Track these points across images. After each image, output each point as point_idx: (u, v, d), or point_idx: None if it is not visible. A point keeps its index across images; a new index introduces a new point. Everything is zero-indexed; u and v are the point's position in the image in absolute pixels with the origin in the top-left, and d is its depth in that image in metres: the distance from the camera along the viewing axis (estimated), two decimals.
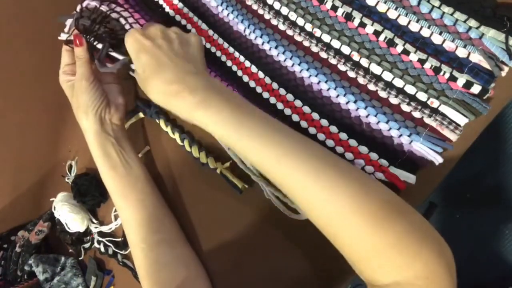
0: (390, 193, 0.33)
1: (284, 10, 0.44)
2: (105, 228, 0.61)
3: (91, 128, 0.49)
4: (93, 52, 0.48)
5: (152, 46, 0.39)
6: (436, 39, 0.36)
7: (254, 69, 0.46)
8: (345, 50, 0.40)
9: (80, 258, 0.67)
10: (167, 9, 0.54)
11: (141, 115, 0.57)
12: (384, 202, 0.31)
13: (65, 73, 0.50)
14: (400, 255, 0.29)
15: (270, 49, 0.45)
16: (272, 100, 0.45)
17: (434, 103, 0.37)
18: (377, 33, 0.39)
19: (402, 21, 0.38)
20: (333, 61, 0.41)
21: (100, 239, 0.62)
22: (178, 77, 0.37)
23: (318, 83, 0.42)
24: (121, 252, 0.59)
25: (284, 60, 0.44)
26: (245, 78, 0.47)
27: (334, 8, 0.41)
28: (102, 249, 0.61)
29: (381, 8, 0.38)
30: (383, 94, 0.39)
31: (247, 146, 0.34)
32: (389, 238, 0.30)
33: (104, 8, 0.50)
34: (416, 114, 0.38)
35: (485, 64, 0.34)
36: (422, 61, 0.37)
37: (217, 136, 0.36)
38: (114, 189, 0.50)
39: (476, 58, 0.35)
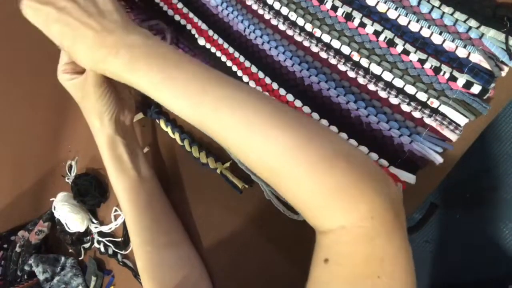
0: (331, 135, 0.32)
1: (284, 10, 0.44)
2: (105, 228, 0.61)
3: (105, 133, 0.46)
4: None
5: (57, 12, 0.35)
6: (436, 39, 0.36)
7: (254, 69, 0.46)
8: (345, 50, 0.40)
9: (80, 258, 0.67)
10: (165, 8, 0.54)
11: (141, 115, 0.57)
12: (322, 145, 0.30)
13: (66, 71, 0.44)
14: (342, 197, 0.28)
15: (270, 49, 0.45)
16: None
17: (434, 103, 0.37)
18: (377, 33, 0.39)
19: (402, 21, 0.38)
20: (333, 61, 0.41)
21: (100, 239, 0.62)
22: (99, 41, 0.34)
23: (318, 83, 0.42)
24: (121, 252, 0.59)
25: (284, 60, 0.44)
26: (245, 78, 0.47)
27: (334, 8, 0.41)
28: (102, 249, 0.61)
29: (381, 8, 0.38)
30: (383, 94, 0.39)
31: (180, 106, 0.32)
32: (329, 181, 0.29)
33: None
34: (416, 114, 0.38)
35: (485, 64, 0.34)
36: (422, 61, 0.37)
37: (151, 96, 0.33)
38: (123, 192, 0.48)
39: (476, 58, 0.35)
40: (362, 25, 0.39)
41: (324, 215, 0.29)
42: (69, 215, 0.61)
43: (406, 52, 0.37)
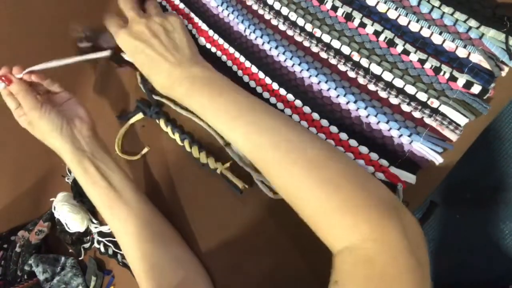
0: (343, 157, 0.35)
1: (284, 11, 0.44)
2: (105, 228, 0.61)
3: (64, 148, 0.48)
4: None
5: (143, 45, 0.43)
6: (436, 39, 0.36)
7: (254, 69, 0.46)
8: (345, 50, 0.40)
9: (80, 258, 0.67)
10: (169, 10, 0.54)
11: (141, 115, 0.57)
12: (331, 166, 0.33)
13: (21, 115, 0.50)
14: (345, 217, 0.30)
15: (270, 49, 0.45)
16: (273, 100, 0.45)
17: (434, 103, 0.37)
18: (377, 33, 0.39)
19: (402, 21, 0.38)
20: (333, 61, 0.41)
21: (100, 239, 0.62)
22: (170, 72, 0.42)
23: (318, 83, 0.42)
24: (121, 252, 0.59)
25: (284, 61, 0.44)
26: (246, 79, 0.47)
27: (334, 8, 0.41)
28: (102, 249, 0.61)
29: (381, 8, 0.38)
30: (383, 94, 0.39)
31: (222, 128, 0.38)
32: (334, 201, 0.31)
33: None
34: (416, 114, 0.38)
35: (485, 64, 0.34)
36: (422, 61, 0.37)
37: (203, 118, 0.41)
38: (100, 204, 0.49)
39: (476, 58, 0.35)
40: (362, 25, 0.39)
41: (331, 235, 0.31)
42: (69, 215, 0.61)
43: (406, 52, 0.37)
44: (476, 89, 0.35)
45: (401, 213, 0.31)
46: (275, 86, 0.45)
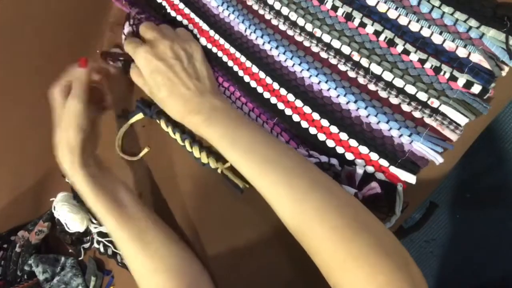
0: (357, 205, 0.34)
1: (285, 10, 0.44)
2: (104, 228, 0.61)
3: (85, 175, 0.48)
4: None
5: (165, 67, 0.42)
6: (436, 39, 0.36)
7: (255, 69, 0.46)
8: (345, 50, 0.40)
9: (80, 258, 0.67)
10: (169, 9, 0.54)
11: (141, 115, 0.57)
12: (349, 215, 0.32)
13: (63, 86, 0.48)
14: (362, 267, 0.30)
15: (270, 49, 0.45)
16: (273, 100, 0.45)
17: (435, 103, 0.37)
18: (377, 33, 0.39)
19: (402, 21, 0.38)
20: (333, 61, 0.41)
21: (100, 239, 0.61)
22: (189, 99, 0.41)
23: (319, 83, 0.42)
24: (120, 252, 0.59)
25: (285, 60, 0.44)
26: (246, 79, 0.47)
27: (334, 8, 0.41)
28: (102, 249, 0.61)
29: (381, 8, 0.38)
30: (383, 94, 0.39)
31: (236, 160, 0.38)
32: (351, 251, 0.30)
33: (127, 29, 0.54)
34: (417, 114, 0.38)
35: (485, 64, 0.34)
36: (422, 61, 0.37)
37: (215, 147, 0.40)
38: (105, 212, 0.48)
39: (477, 58, 0.35)
40: (362, 25, 0.39)
41: (345, 281, 0.30)
42: (69, 215, 0.61)
43: (406, 52, 0.38)
44: (476, 89, 0.35)
45: (410, 264, 0.31)
46: (275, 86, 0.45)
